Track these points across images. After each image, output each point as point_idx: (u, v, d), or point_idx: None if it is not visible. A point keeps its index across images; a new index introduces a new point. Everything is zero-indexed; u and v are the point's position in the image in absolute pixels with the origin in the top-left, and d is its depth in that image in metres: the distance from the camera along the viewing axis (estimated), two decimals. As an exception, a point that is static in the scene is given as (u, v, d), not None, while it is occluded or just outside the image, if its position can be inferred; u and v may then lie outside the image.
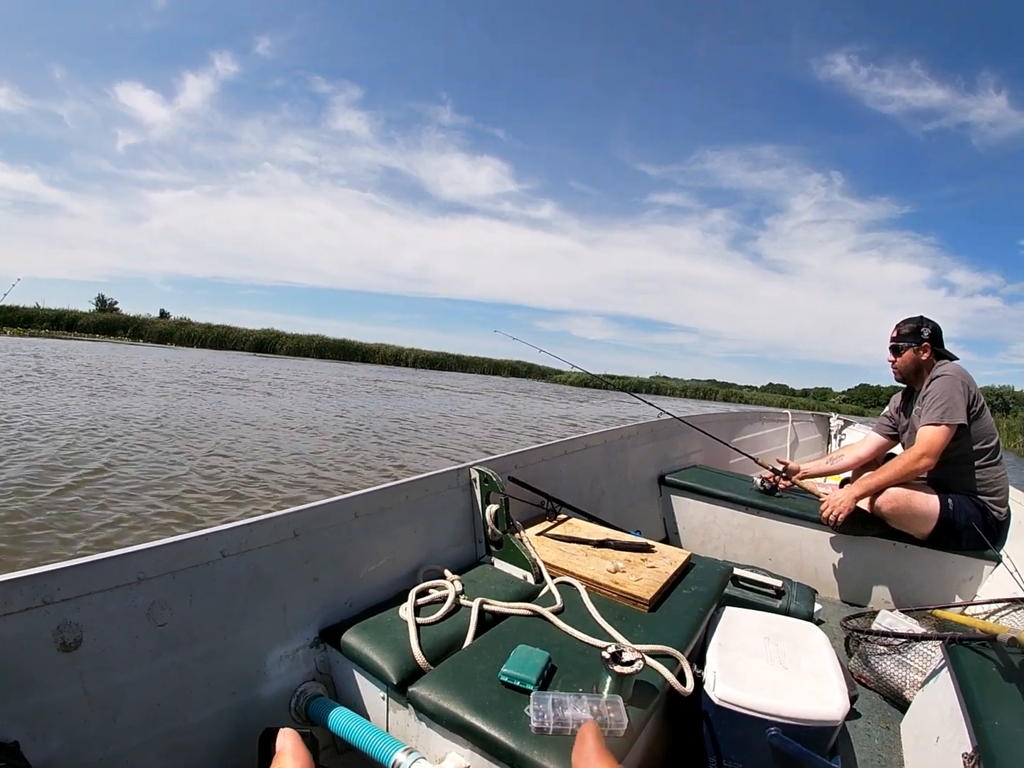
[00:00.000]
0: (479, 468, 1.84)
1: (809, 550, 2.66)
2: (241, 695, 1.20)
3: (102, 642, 1.00)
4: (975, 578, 2.33)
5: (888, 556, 2.47)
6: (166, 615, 1.09)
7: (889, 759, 1.56)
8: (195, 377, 16.29)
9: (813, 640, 1.50)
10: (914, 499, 2.28)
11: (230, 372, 19.65)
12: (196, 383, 14.43)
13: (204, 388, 13.41)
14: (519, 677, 1.10)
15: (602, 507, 2.56)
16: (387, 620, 1.36)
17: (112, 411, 8.45)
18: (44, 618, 0.94)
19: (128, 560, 1.04)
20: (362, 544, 1.50)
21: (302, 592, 1.34)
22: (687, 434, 3.45)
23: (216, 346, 43.94)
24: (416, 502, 1.67)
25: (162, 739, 1.07)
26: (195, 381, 14.97)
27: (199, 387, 13.49)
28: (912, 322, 2.53)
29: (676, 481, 3.05)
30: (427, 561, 1.67)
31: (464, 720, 1.03)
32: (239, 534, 1.22)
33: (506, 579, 1.67)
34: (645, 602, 1.47)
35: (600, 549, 1.78)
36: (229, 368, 21.79)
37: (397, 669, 1.20)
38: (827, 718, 1.22)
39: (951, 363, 2.46)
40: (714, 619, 1.57)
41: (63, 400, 9.21)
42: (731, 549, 2.88)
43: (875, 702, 1.82)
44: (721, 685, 1.27)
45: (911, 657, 1.75)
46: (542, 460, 2.24)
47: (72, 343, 29.95)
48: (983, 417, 2.32)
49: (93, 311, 51.55)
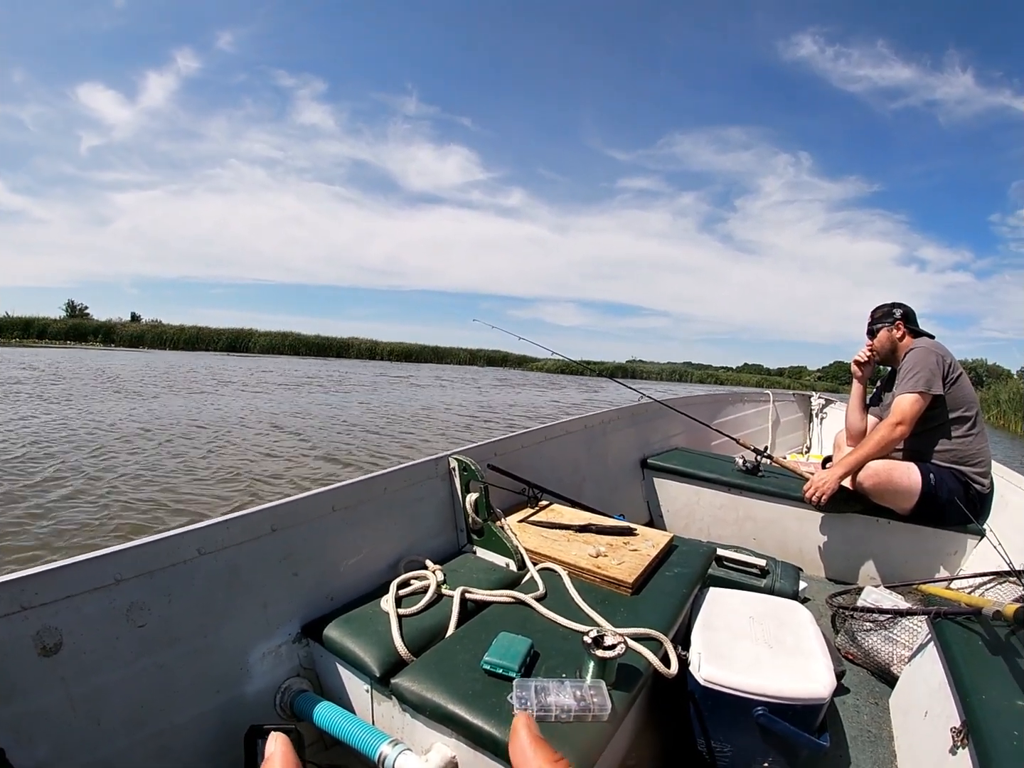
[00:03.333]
0: (458, 457, 1.81)
1: (793, 529, 2.67)
2: (225, 693, 1.19)
3: (82, 645, 0.99)
4: (959, 552, 2.34)
5: (872, 532, 2.48)
6: (145, 616, 1.07)
7: (879, 734, 1.56)
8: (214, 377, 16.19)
9: (798, 618, 1.49)
10: (895, 473, 2.29)
11: (235, 373, 19.42)
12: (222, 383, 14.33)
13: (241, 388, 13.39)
14: (501, 665, 1.09)
15: (584, 492, 2.55)
16: (369, 613, 1.34)
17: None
18: (23, 623, 0.92)
19: (105, 561, 1.03)
20: (342, 537, 1.48)
21: (282, 587, 1.32)
22: (668, 417, 3.46)
23: (189, 347, 43.53)
24: (395, 493, 1.65)
25: (148, 740, 1.06)
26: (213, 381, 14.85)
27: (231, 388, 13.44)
28: (885, 306, 2.65)
29: (658, 464, 3.05)
30: (408, 552, 1.65)
31: (448, 710, 1.02)
32: (215, 531, 1.20)
33: (488, 567, 1.65)
34: (628, 585, 1.46)
35: (582, 534, 1.77)
36: (235, 369, 21.56)
37: (380, 661, 1.18)
38: (814, 696, 1.22)
39: (925, 338, 2.50)
40: (698, 600, 1.57)
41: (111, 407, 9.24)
42: (715, 530, 2.89)
43: (863, 678, 1.83)
44: (706, 666, 1.26)
45: (897, 632, 1.75)
46: (522, 447, 2.22)
47: (46, 351, 29.43)
48: (960, 385, 2.34)
49: (63, 317, 50.68)
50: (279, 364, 29.43)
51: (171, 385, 14.14)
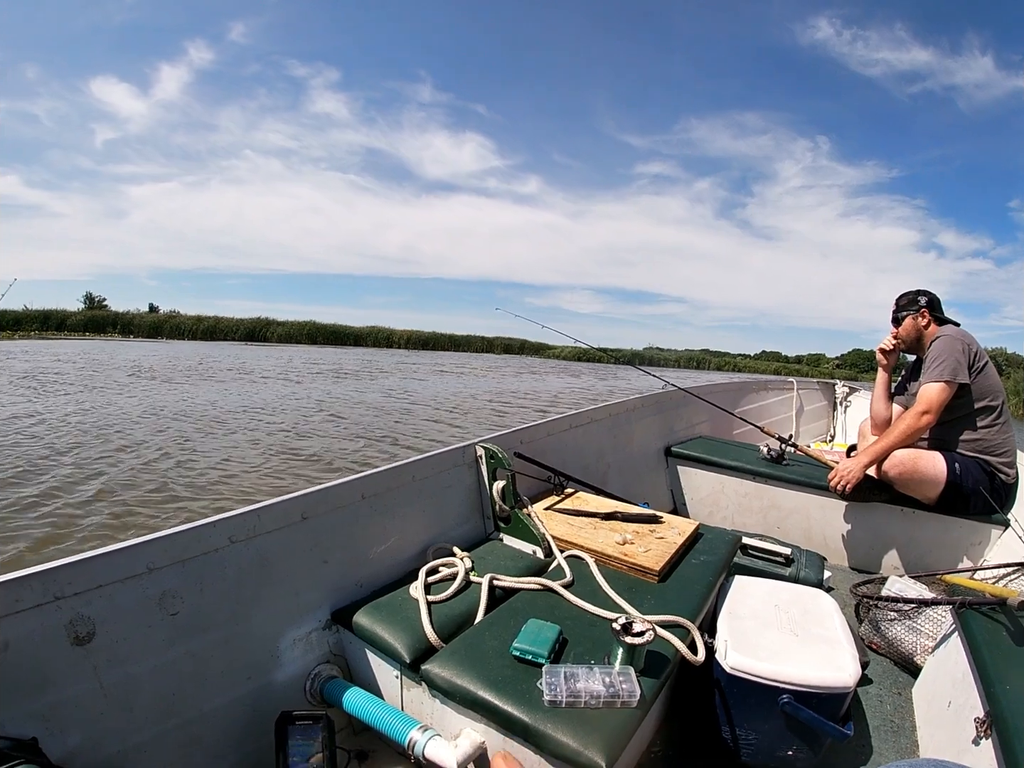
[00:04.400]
0: (484, 445, 1.83)
1: (817, 517, 2.66)
2: (256, 680, 1.21)
3: (115, 634, 1.01)
4: (984, 542, 2.32)
5: (896, 522, 2.46)
6: (177, 604, 1.09)
7: (902, 724, 1.56)
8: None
9: (823, 607, 1.49)
10: (920, 462, 2.27)
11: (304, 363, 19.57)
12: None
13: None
14: (530, 651, 1.11)
15: (609, 480, 2.56)
16: (398, 599, 1.36)
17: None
18: (56, 613, 0.94)
19: (137, 551, 1.04)
20: (370, 525, 1.50)
21: (312, 575, 1.34)
22: (692, 405, 3.44)
23: (207, 337, 43.51)
24: (423, 481, 1.67)
25: (179, 728, 1.08)
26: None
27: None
28: (910, 293, 2.59)
29: (682, 452, 3.04)
30: (436, 539, 1.67)
31: (477, 696, 1.04)
32: (247, 520, 1.22)
33: (515, 554, 1.67)
34: (654, 573, 1.47)
35: (608, 522, 1.78)
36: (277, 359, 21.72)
37: (409, 648, 1.20)
38: (839, 684, 1.22)
39: (951, 326, 2.45)
40: (724, 588, 1.57)
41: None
42: (739, 518, 2.88)
43: (887, 668, 1.83)
44: (732, 653, 1.27)
45: (921, 622, 1.75)
46: (548, 435, 2.23)
47: (69, 343, 29.70)
48: (987, 374, 2.30)
49: (82, 309, 50.95)
50: (313, 353, 29.51)
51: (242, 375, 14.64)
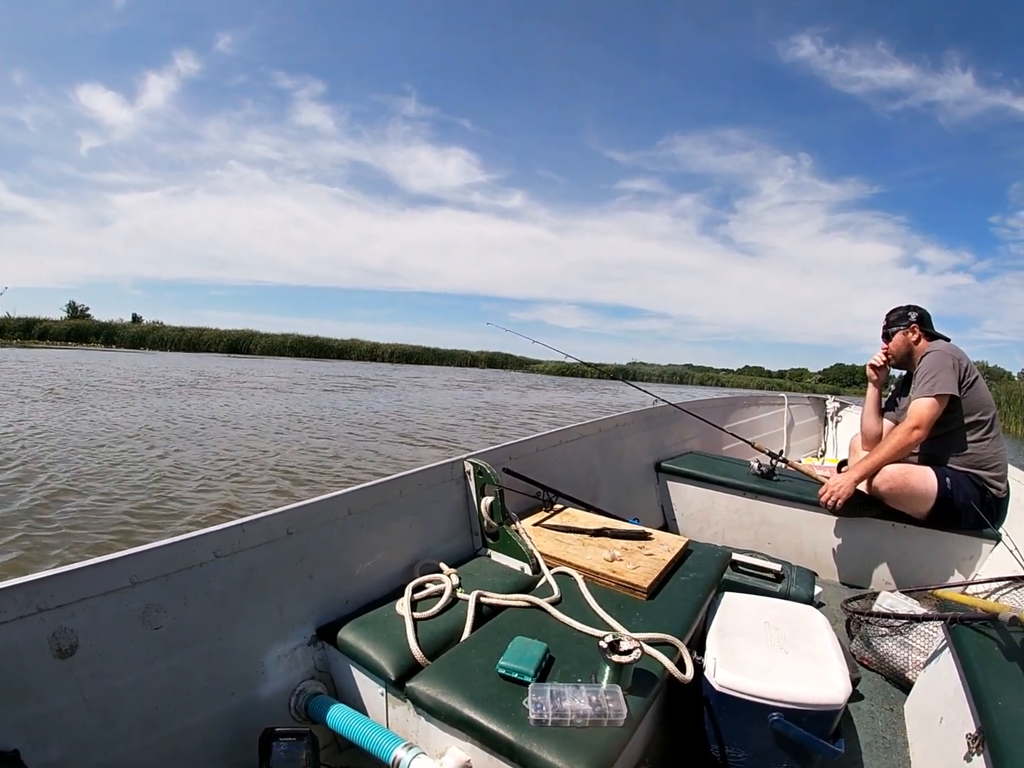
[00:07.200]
0: (473, 460, 1.82)
1: (808, 533, 2.66)
2: (240, 696, 1.20)
3: (98, 647, 1.00)
4: (975, 557, 2.32)
5: (887, 537, 2.46)
6: (161, 618, 1.08)
7: (893, 741, 1.55)
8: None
9: (814, 623, 1.48)
10: (911, 477, 2.28)
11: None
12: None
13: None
14: (517, 669, 1.10)
15: (599, 496, 2.55)
16: (384, 616, 1.35)
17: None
18: (39, 625, 0.93)
19: (120, 564, 1.03)
20: (357, 540, 1.49)
21: (298, 590, 1.33)
22: (682, 420, 3.45)
23: (190, 348, 43.41)
24: (410, 496, 1.66)
25: (162, 742, 1.07)
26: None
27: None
28: (900, 308, 2.61)
29: (672, 468, 3.04)
30: (423, 556, 1.66)
31: (463, 714, 1.03)
32: (232, 534, 1.21)
33: (503, 571, 1.65)
34: (643, 590, 1.46)
35: (597, 538, 1.77)
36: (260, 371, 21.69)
37: (395, 665, 1.19)
38: (829, 701, 1.21)
39: (941, 341, 2.47)
40: (713, 605, 1.56)
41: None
42: (730, 534, 2.87)
43: (878, 684, 1.82)
44: (721, 671, 1.26)
45: (913, 638, 1.74)
46: (536, 450, 2.23)
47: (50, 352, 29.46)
48: (977, 388, 2.32)
49: (65, 318, 50.59)
50: (306, 367, 29.53)
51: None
